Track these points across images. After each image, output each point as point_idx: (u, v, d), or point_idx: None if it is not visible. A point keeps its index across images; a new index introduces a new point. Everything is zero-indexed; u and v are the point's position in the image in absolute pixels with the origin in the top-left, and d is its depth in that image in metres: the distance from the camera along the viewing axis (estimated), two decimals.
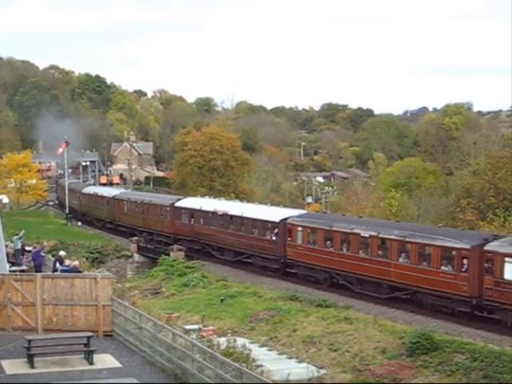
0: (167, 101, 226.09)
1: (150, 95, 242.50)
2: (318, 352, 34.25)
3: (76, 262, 33.64)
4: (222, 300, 43.67)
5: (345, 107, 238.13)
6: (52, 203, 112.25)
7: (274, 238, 51.62)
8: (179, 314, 40.44)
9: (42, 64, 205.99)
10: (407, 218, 72.42)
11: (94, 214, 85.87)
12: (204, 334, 32.47)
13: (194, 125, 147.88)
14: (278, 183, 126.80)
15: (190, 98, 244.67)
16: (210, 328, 36.82)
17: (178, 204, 65.16)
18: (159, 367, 24.19)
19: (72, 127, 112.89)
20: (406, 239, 41.00)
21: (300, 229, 49.44)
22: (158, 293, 49.15)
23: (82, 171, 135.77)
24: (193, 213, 62.05)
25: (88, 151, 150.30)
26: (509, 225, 60.94)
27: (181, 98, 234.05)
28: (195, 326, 36.12)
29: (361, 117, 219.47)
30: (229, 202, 65.17)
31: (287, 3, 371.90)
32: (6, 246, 37.23)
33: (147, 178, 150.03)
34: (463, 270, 37.50)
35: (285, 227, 50.63)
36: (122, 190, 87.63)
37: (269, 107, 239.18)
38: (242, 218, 55.62)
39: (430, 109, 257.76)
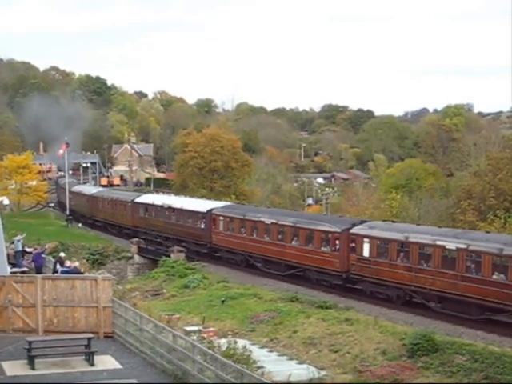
0: (168, 102, 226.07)
1: (150, 96, 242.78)
2: (318, 353, 34.26)
3: (76, 263, 33.65)
4: (222, 301, 43.66)
5: (345, 108, 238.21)
6: (53, 205, 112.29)
7: (202, 226, 59.57)
8: (180, 315, 40.43)
9: (42, 65, 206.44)
10: (407, 219, 72.29)
11: (79, 210, 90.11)
12: (204, 335, 32.46)
13: (194, 126, 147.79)
14: (278, 184, 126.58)
15: (191, 100, 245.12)
16: (211, 329, 36.80)
17: (136, 200, 73.23)
18: (160, 368, 24.19)
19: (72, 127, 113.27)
20: (297, 225, 48.89)
21: (221, 218, 57.62)
22: (158, 294, 49.14)
23: (83, 173, 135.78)
24: (147, 207, 70.16)
25: (89, 153, 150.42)
26: (509, 226, 60.90)
27: (181, 100, 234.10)
28: (196, 328, 36.13)
29: (361, 118, 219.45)
30: (174, 197, 73.57)
31: (287, 3, 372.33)
32: (7, 246, 37.24)
33: (148, 179, 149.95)
34: (336, 249, 45.20)
35: (210, 217, 58.65)
36: (100, 189, 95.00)
37: (269, 108, 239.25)
38: (181, 210, 63.57)
39: (431, 110, 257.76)
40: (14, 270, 34.94)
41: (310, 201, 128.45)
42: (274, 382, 20.70)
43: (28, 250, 38.93)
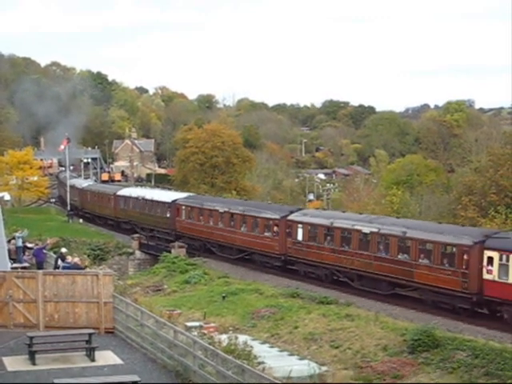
0: (169, 98, 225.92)
1: (151, 92, 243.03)
2: (319, 349, 34.28)
3: (76, 259, 33.66)
4: (223, 297, 43.67)
5: (346, 104, 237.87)
6: (54, 200, 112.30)
7: (168, 216, 64.17)
8: (181, 311, 40.47)
9: (43, 61, 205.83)
10: (408, 215, 72.29)
11: (73, 203, 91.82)
12: (205, 331, 32.48)
13: (195, 122, 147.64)
14: (279, 180, 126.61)
15: (192, 95, 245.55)
16: (212, 325, 36.84)
17: (118, 193, 77.90)
18: (161, 364, 24.19)
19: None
20: (245, 213, 54.04)
21: (183, 207, 62.49)
22: (159, 290, 49.15)
23: (84, 168, 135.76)
24: (126, 199, 75.05)
25: (90, 148, 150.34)
26: (510, 222, 60.83)
27: (182, 95, 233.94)
28: (197, 323, 36.17)
29: (362, 114, 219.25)
30: (147, 189, 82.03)
31: (289, 1, 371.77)
32: (9, 241, 37.27)
33: (149, 175, 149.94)
34: (275, 234, 50.17)
35: (174, 206, 63.51)
36: (90, 183, 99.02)
37: (270, 104, 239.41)
38: (152, 201, 68.49)
39: (432, 106, 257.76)
40: (15, 265, 34.97)
41: (311, 196, 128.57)
42: (274, 378, 20.67)
43: (29, 245, 38.96)
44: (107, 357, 25.18)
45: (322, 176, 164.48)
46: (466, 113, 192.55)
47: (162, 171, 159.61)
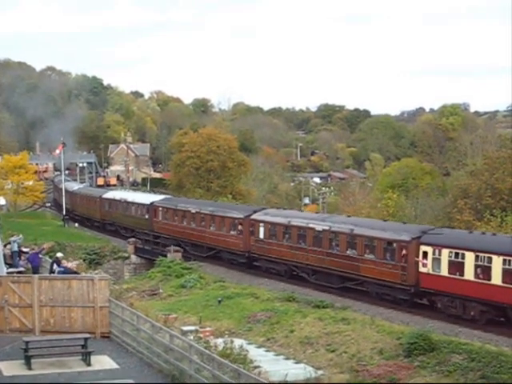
0: (164, 102, 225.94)
1: (146, 96, 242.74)
2: (315, 353, 34.23)
3: (69, 264, 33.65)
4: (219, 301, 43.60)
5: (341, 108, 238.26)
6: (49, 205, 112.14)
7: (146, 217, 67.74)
8: (176, 315, 40.40)
9: (39, 66, 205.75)
10: (404, 218, 72.25)
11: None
12: (201, 335, 32.46)
13: (190, 126, 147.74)
14: (274, 184, 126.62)
15: (187, 99, 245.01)
16: (208, 329, 36.76)
17: (103, 196, 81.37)
18: (156, 368, 24.18)
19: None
20: (214, 213, 57.37)
21: (160, 209, 65.84)
22: (155, 294, 49.07)
23: (80, 173, 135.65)
24: (110, 202, 78.36)
25: (85, 152, 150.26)
26: (506, 225, 60.86)
27: (177, 99, 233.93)
28: (192, 328, 36.07)
29: (357, 117, 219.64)
30: (128, 192, 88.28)
31: (284, 4, 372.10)
32: (5, 245, 37.22)
33: (144, 179, 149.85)
34: (240, 233, 53.29)
35: (152, 208, 66.88)
36: (80, 186, 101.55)
37: (265, 108, 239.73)
38: (132, 203, 72.17)
39: (427, 109, 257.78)
40: (11, 270, 34.93)
41: (306, 200, 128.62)
42: (270, 382, 20.68)
43: (25, 250, 38.91)
44: (103, 361, 25.17)
45: (317, 180, 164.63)
46: (461, 116, 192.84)
47: (158, 175, 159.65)
